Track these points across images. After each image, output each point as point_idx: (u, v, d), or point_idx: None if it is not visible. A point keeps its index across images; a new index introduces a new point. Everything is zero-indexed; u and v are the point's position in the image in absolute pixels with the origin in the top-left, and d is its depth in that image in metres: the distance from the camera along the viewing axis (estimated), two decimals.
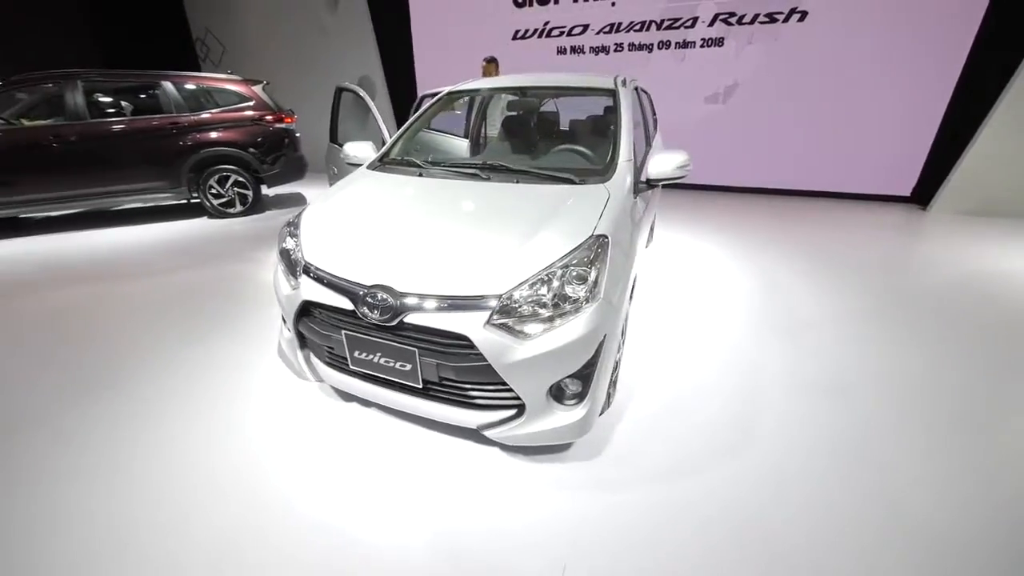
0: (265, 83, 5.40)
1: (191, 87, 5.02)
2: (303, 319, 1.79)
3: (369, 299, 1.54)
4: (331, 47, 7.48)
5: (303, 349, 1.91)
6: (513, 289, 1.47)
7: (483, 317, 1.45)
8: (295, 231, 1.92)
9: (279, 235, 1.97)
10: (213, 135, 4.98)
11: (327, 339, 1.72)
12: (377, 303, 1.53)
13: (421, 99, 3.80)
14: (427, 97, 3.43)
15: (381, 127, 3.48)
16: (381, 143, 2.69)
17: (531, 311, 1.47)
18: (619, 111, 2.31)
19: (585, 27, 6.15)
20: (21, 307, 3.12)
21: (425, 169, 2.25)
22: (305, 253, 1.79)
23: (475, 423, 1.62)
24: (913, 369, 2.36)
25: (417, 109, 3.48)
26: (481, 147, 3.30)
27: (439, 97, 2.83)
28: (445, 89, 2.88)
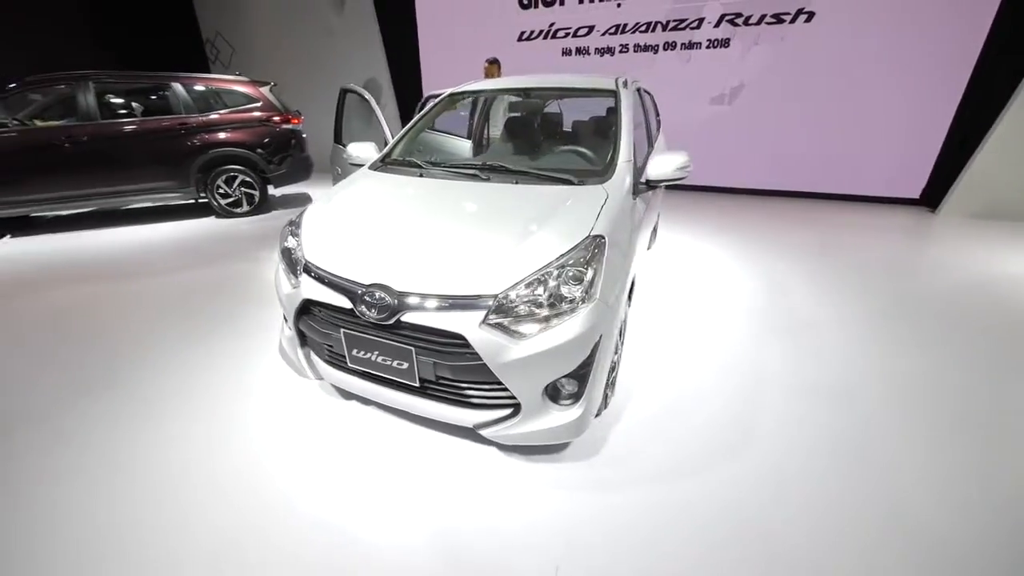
0: (272, 84, 5.46)
1: (200, 88, 5.09)
2: (303, 317, 1.81)
3: (367, 298, 1.56)
4: (338, 48, 7.54)
5: (303, 347, 1.94)
6: (509, 289, 1.48)
7: (479, 316, 1.46)
8: (296, 230, 1.94)
9: (281, 234, 2.00)
10: (221, 136, 5.04)
11: (326, 337, 1.74)
12: (375, 302, 1.54)
13: (425, 100, 3.83)
14: (431, 98, 3.45)
15: (384, 128, 3.51)
16: (383, 144, 2.71)
17: (527, 311, 1.48)
18: (619, 112, 2.31)
19: (590, 28, 6.15)
20: (26, 306, 3.17)
21: (426, 170, 2.27)
22: (306, 252, 1.81)
23: (471, 422, 1.63)
24: (916, 371, 2.33)
25: (421, 109, 3.50)
26: (484, 148, 3.31)
27: (441, 99, 2.85)
28: (448, 91, 2.90)
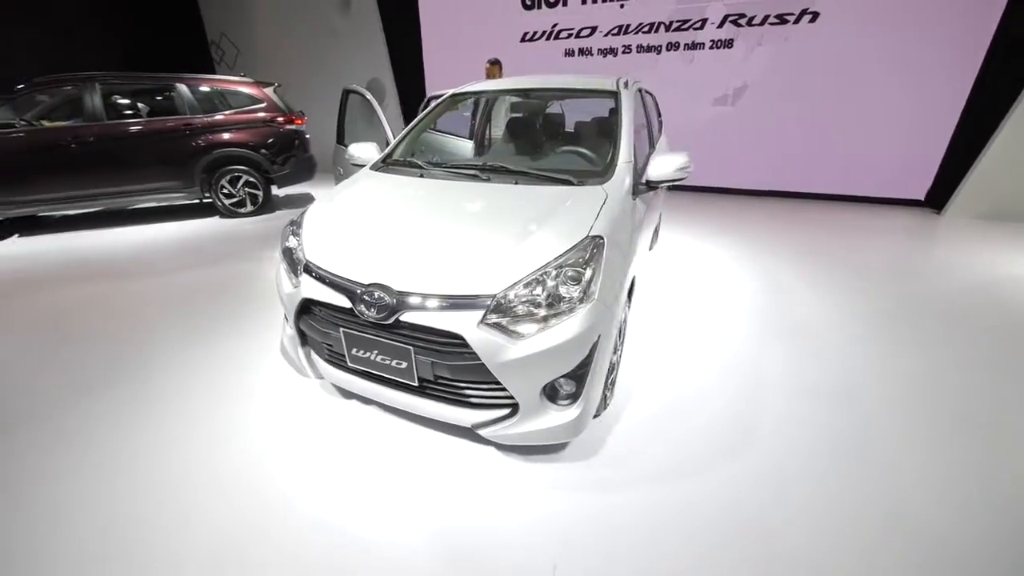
0: (276, 85, 5.49)
1: (204, 89, 5.12)
2: (304, 317, 1.82)
3: (366, 297, 1.56)
4: (341, 49, 7.58)
5: (304, 346, 1.95)
6: (507, 289, 1.48)
7: (477, 316, 1.47)
8: (297, 230, 1.95)
9: (282, 234, 2.01)
10: (225, 136, 5.08)
11: (327, 336, 1.75)
12: (374, 301, 1.55)
13: (428, 100, 3.84)
14: (434, 99, 3.46)
15: (385, 129, 3.52)
16: (385, 144, 2.72)
17: (525, 311, 1.48)
18: (620, 113, 2.31)
19: (593, 29, 6.15)
20: (31, 304, 3.20)
21: (426, 170, 2.28)
22: (306, 252, 1.82)
23: (469, 421, 1.64)
24: (918, 371, 2.32)
25: (424, 110, 3.51)
26: (486, 148, 3.31)
27: (442, 100, 2.86)
28: (449, 91, 2.91)
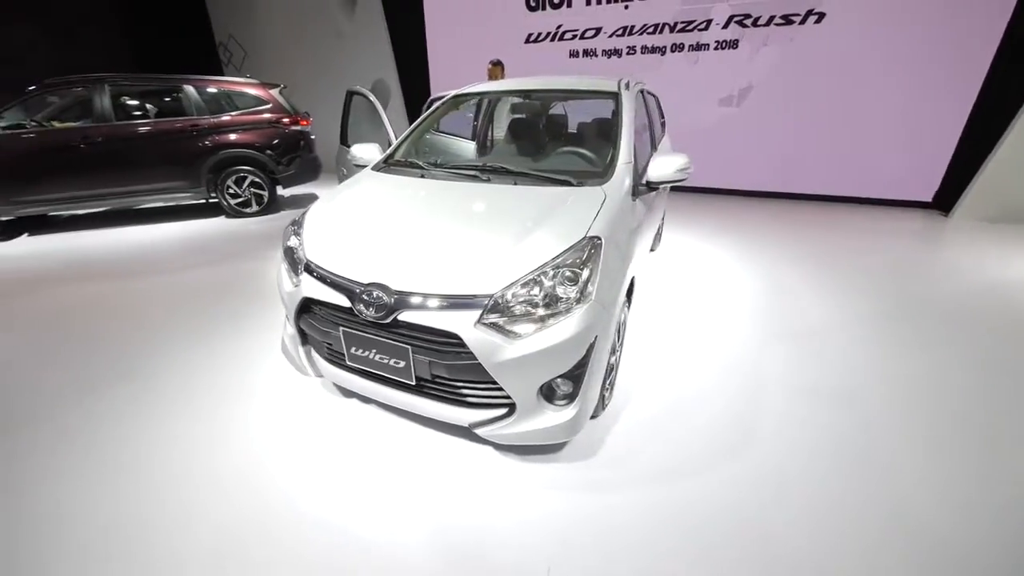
0: (282, 87, 5.54)
1: (211, 90, 5.18)
2: (304, 316, 1.84)
3: (365, 296, 1.58)
4: (347, 51, 7.63)
5: (304, 345, 1.96)
6: (504, 289, 1.49)
7: (474, 316, 1.47)
8: (299, 230, 1.97)
9: (283, 234, 2.03)
10: (232, 137, 5.12)
11: (326, 335, 1.76)
12: (372, 300, 1.56)
13: (431, 102, 3.85)
14: (436, 100, 3.47)
15: (388, 129, 3.54)
16: (387, 145, 2.74)
17: (522, 311, 1.49)
18: (621, 114, 2.31)
19: (598, 30, 6.15)
20: (38, 303, 3.23)
21: (427, 170, 2.29)
22: (307, 251, 1.83)
23: (467, 421, 1.64)
24: (920, 373, 2.30)
25: (427, 111, 3.53)
26: (488, 149, 3.32)
27: (444, 101, 2.87)
28: (451, 93, 2.92)
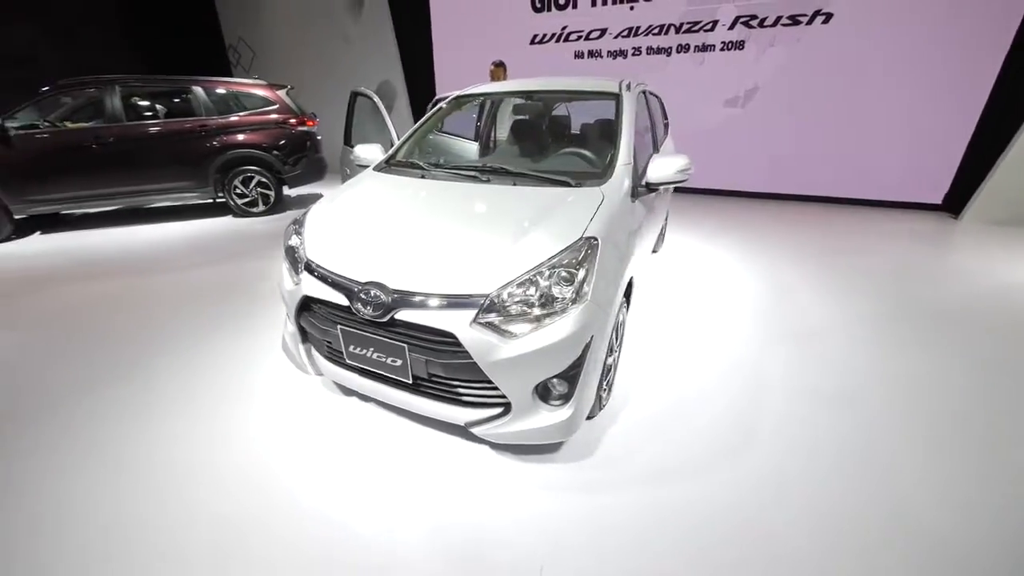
0: (289, 88, 5.60)
1: (220, 91, 5.24)
2: (304, 314, 1.86)
3: (363, 295, 1.59)
4: (354, 52, 7.68)
5: (304, 343, 1.98)
6: (500, 289, 1.50)
7: (470, 315, 1.48)
8: (300, 229, 1.99)
9: (285, 233, 2.05)
10: (239, 137, 5.19)
11: (325, 334, 1.78)
12: (370, 299, 1.58)
13: (435, 102, 3.87)
14: (440, 100, 3.49)
15: (390, 130, 3.57)
16: (390, 145, 2.76)
17: (518, 311, 1.49)
18: (621, 115, 2.32)
19: (603, 31, 6.14)
20: (44, 301, 3.28)
21: (427, 171, 2.30)
22: (307, 250, 1.85)
23: (462, 420, 1.65)
24: (922, 376, 2.29)
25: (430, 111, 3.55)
26: (491, 150, 3.34)
27: (446, 102, 2.89)
28: (453, 94, 2.94)
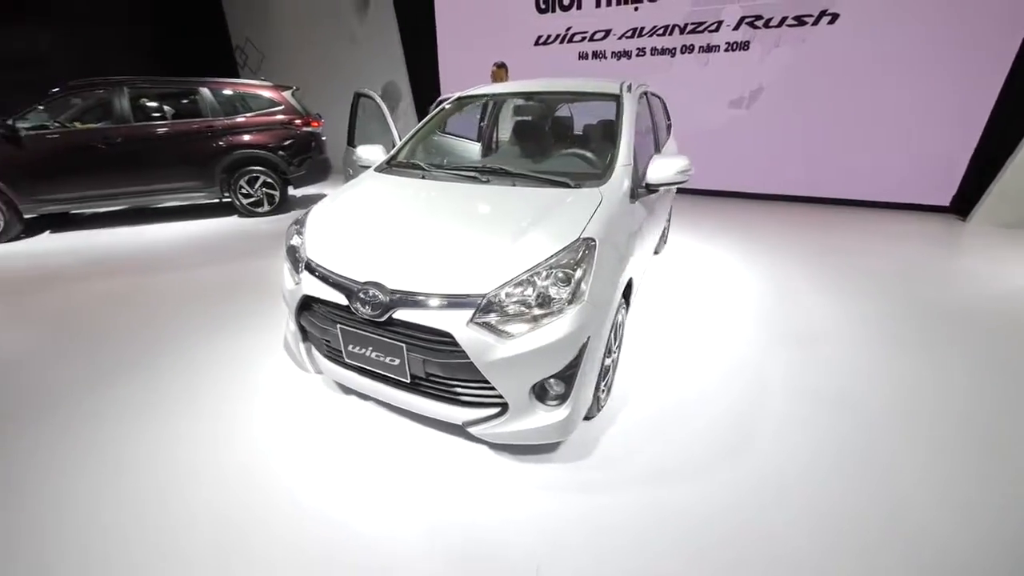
0: (295, 89, 5.64)
1: (226, 93, 5.29)
2: (304, 313, 1.88)
3: (362, 295, 1.60)
4: (359, 54, 7.73)
5: (305, 342, 2.00)
6: (497, 289, 1.50)
7: (467, 315, 1.49)
8: (301, 229, 2.01)
9: (286, 233, 2.07)
10: (245, 138, 5.23)
11: (325, 332, 1.80)
12: (369, 299, 1.59)
13: (438, 102, 3.89)
14: (443, 101, 3.51)
15: (393, 131, 3.59)
16: (392, 146, 2.78)
17: (515, 311, 1.50)
18: (622, 116, 2.32)
19: (607, 32, 6.14)
20: (51, 300, 3.32)
21: (428, 172, 2.32)
22: (307, 250, 1.87)
23: (460, 419, 1.66)
24: (925, 378, 2.27)
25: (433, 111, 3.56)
26: (493, 151, 3.35)
27: (448, 103, 2.90)
28: (455, 95, 2.95)
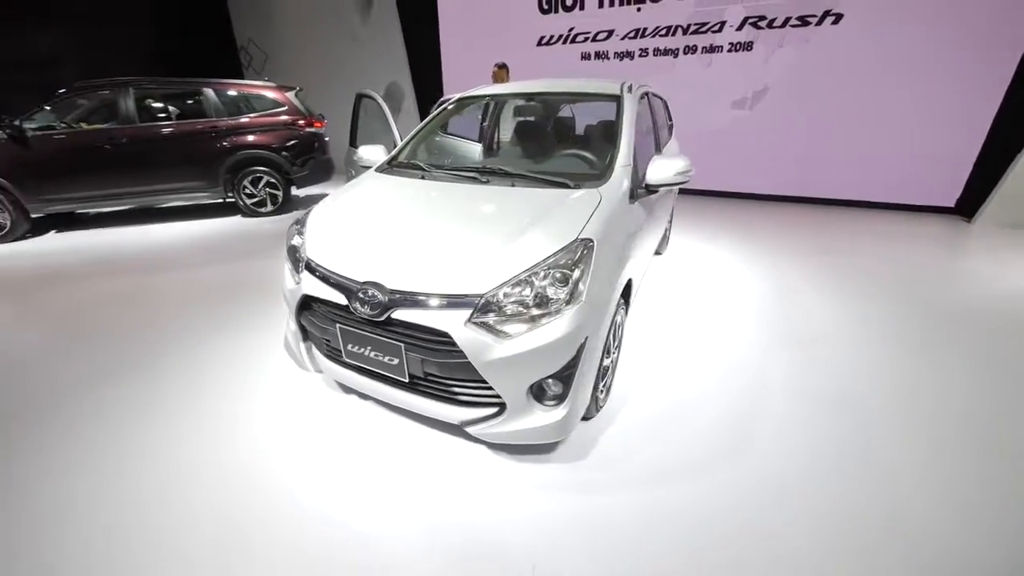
0: (298, 89, 5.67)
1: (230, 93, 5.33)
2: (304, 312, 1.89)
3: (361, 295, 1.61)
4: (362, 54, 7.77)
5: (305, 341, 2.01)
6: (495, 289, 1.51)
7: (465, 315, 1.50)
8: (301, 229, 2.02)
9: (287, 233, 2.09)
10: (249, 138, 5.26)
11: (325, 332, 1.81)
12: (367, 299, 1.60)
13: (441, 103, 3.90)
14: (445, 101, 3.52)
15: (394, 132, 3.60)
16: (393, 147, 2.79)
17: (513, 311, 1.50)
18: (622, 117, 2.32)
19: (610, 33, 6.14)
20: (54, 299, 3.33)
21: (428, 172, 2.32)
22: (308, 250, 1.88)
23: (458, 419, 1.66)
24: (927, 380, 2.26)
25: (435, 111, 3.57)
26: (494, 151, 3.35)
27: (448, 104, 2.91)
28: (455, 96, 2.96)
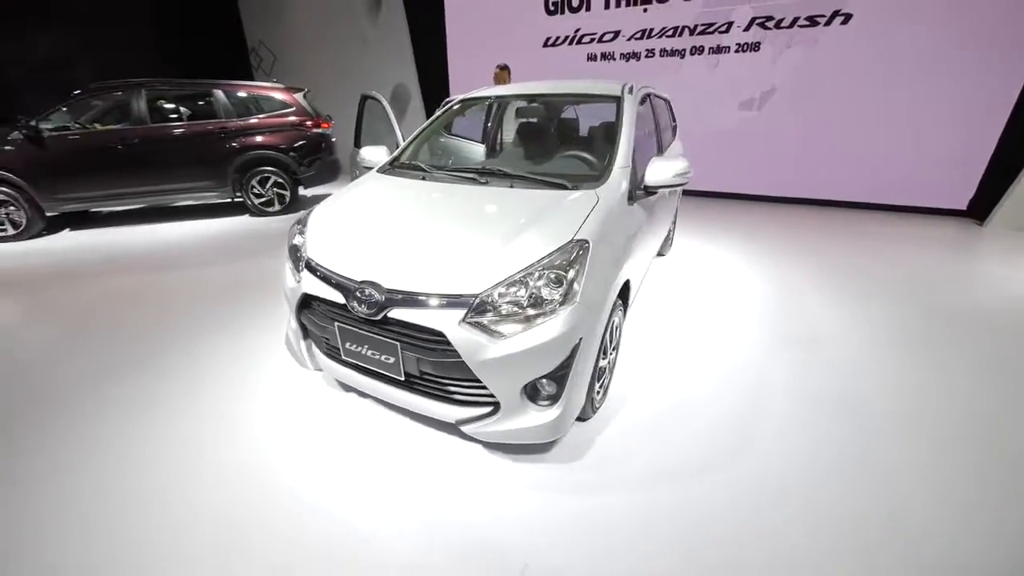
0: (306, 91, 5.74)
1: (240, 95, 5.41)
2: (304, 311, 1.92)
3: (358, 294, 1.64)
4: (370, 56, 7.85)
5: (305, 339, 2.04)
6: (490, 289, 1.52)
7: (459, 315, 1.51)
8: (303, 229, 2.05)
9: (289, 233, 2.12)
10: (257, 139, 5.34)
11: (324, 330, 1.84)
12: (365, 298, 1.62)
13: (444, 104, 3.93)
14: (449, 102, 3.54)
15: (396, 133, 3.63)
16: (396, 148, 2.82)
17: (507, 311, 1.52)
18: (621, 118, 2.32)
19: (616, 33, 6.13)
20: (63, 296, 3.39)
21: (428, 173, 2.35)
22: (308, 249, 1.91)
23: (453, 417, 1.68)
24: (929, 383, 2.24)
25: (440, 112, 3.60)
26: (497, 152, 3.37)
27: (450, 105, 2.94)
28: (458, 97, 2.98)
